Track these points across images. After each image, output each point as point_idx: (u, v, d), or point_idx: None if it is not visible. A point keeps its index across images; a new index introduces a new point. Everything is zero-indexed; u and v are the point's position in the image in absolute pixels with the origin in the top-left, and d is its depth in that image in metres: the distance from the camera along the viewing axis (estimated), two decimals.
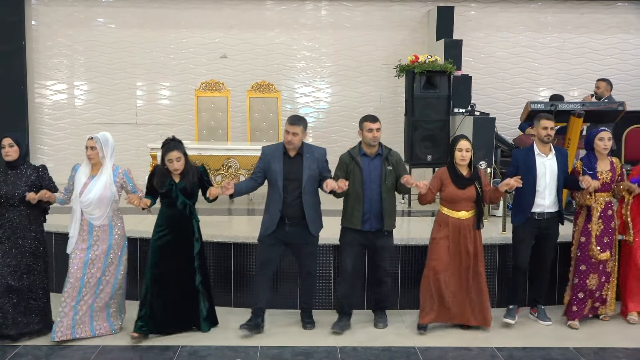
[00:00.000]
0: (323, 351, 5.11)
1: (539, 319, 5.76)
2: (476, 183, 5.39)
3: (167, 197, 5.27)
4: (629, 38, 10.20)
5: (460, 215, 5.38)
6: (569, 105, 7.40)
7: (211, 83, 9.36)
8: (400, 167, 5.47)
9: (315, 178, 5.33)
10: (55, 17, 9.95)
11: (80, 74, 10.10)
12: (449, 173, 5.41)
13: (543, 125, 5.57)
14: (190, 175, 5.27)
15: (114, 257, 5.27)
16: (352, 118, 10.17)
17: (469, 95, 8.49)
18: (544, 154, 5.60)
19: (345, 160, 5.45)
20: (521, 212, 5.60)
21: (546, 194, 5.55)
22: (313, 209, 5.35)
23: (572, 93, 10.11)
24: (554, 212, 5.61)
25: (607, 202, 5.68)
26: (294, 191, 5.28)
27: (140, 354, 5.01)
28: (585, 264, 5.67)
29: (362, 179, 5.34)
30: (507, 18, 10.15)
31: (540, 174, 5.54)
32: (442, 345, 5.24)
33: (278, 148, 5.41)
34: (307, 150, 5.39)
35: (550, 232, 5.65)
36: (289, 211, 5.29)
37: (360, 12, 10.09)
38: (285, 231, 5.33)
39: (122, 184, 5.28)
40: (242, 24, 10.05)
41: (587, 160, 5.70)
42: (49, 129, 10.04)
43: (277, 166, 5.30)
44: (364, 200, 5.34)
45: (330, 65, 10.18)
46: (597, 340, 5.41)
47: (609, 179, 5.65)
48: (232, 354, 5.04)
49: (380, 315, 5.71)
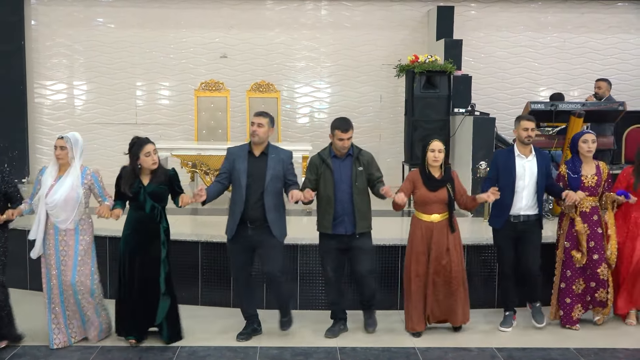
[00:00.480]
0: (323, 352, 5.10)
1: (533, 317, 5.62)
2: (448, 185, 5.27)
3: (135, 200, 5.08)
4: (629, 38, 10.19)
5: (432, 219, 5.28)
6: (569, 105, 7.40)
7: (211, 83, 9.35)
8: (372, 167, 5.32)
9: (279, 179, 5.16)
10: (54, 17, 9.95)
11: (80, 74, 10.09)
12: (420, 175, 5.31)
13: (523, 126, 5.45)
14: (159, 176, 5.08)
15: (83, 263, 5.03)
16: (353, 118, 9.87)
17: (469, 95, 8.47)
18: (524, 155, 5.48)
19: (316, 162, 5.31)
20: (500, 215, 5.49)
21: (524, 195, 5.42)
22: (275, 210, 5.15)
23: (572, 93, 10.10)
24: (532, 215, 5.47)
25: (594, 206, 5.57)
26: (257, 192, 5.11)
27: (139, 354, 5.00)
28: (571, 270, 5.58)
29: (333, 181, 5.21)
30: (507, 18, 10.14)
31: (519, 175, 5.43)
32: (442, 346, 5.23)
33: (243, 148, 5.27)
34: (273, 150, 5.24)
35: (529, 236, 5.48)
36: (251, 213, 5.09)
37: (360, 11, 10.08)
38: (248, 235, 5.14)
39: (89, 186, 5.07)
40: (242, 24, 10.04)
41: (571, 164, 5.60)
42: (48, 129, 10.03)
43: (241, 165, 5.15)
44: (336, 203, 5.19)
45: (330, 65, 10.17)
46: (597, 341, 5.39)
47: (595, 183, 5.54)
48: (232, 355, 5.03)
49: (369, 315, 5.59)
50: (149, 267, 5.07)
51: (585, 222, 5.54)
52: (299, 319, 5.62)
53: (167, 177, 5.12)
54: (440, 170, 5.30)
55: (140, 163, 5.04)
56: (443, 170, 5.31)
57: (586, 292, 5.61)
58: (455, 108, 8.28)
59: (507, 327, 5.58)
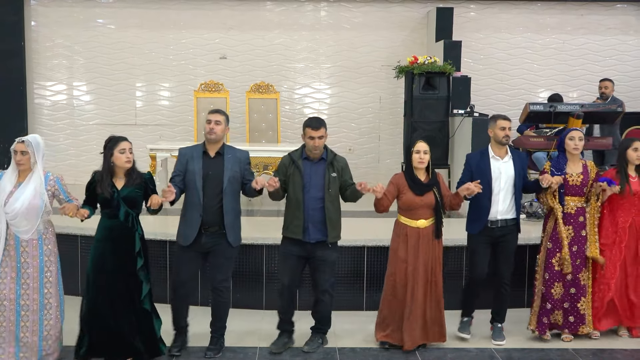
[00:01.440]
0: (322, 352, 5.11)
1: (493, 337, 5.35)
2: (435, 189, 5.02)
3: (109, 207, 4.65)
4: (628, 39, 10.21)
5: (419, 224, 4.99)
6: (568, 106, 7.41)
7: (210, 84, 9.36)
8: (346, 174, 5.03)
9: (237, 180, 4.88)
10: (54, 18, 9.96)
11: (80, 75, 10.11)
12: (405, 179, 5.03)
13: (500, 125, 5.19)
14: (134, 179, 4.68)
15: (50, 277, 4.65)
16: (352, 119, 10.18)
17: (468, 96, 8.48)
18: (500, 157, 5.22)
19: (285, 163, 5.01)
20: (477, 220, 5.22)
21: (500, 198, 5.15)
22: (233, 215, 4.87)
23: (572, 94, 10.12)
24: (509, 220, 5.20)
25: (579, 207, 5.30)
26: (214, 194, 4.81)
27: None
28: (549, 272, 5.31)
29: (302, 184, 4.89)
30: (506, 19, 10.15)
31: (494, 177, 5.16)
32: (441, 346, 5.24)
33: (197, 148, 4.97)
34: (229, 150, 4.95)
35: (505, 242, 5.22)
36: (209, 217, 4.80)
37: (360, 13, 10.09)
38: (202, 241, 4.84)
39: (53, 192, 4.67)
40: (241, 25, 10.05)
41: (556, 162, 5.35)
42: (48, 130, 10.04)
43: (195, 166, 4.84)
44: (305, 208, 4.88)
45: (330, 66, 10.18)
46: (596, 341, 5.40)
47: (580, 182, 5.27)
48: (231, 355, 5.04)
49: (313, 337, 5.17)
50: (125, 280, 4.63)
51: (569, 224, 5.28)
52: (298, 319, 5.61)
53: (142, 181, 4.73)
54: (426, 173, 5.04)
55: (113, 161, 4.65)
56: (429, 173, 5.06)
57: (564, 298, 5.31)
58: (454, 109, 8.29)
59: (465, 333, 5.36)
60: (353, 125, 10.19)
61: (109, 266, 4.62)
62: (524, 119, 7.53)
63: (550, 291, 5.32)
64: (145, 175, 4.81)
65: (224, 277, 4.99)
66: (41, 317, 4.63)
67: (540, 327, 5.36)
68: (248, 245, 6.03)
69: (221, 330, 5.09)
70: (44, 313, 4.64)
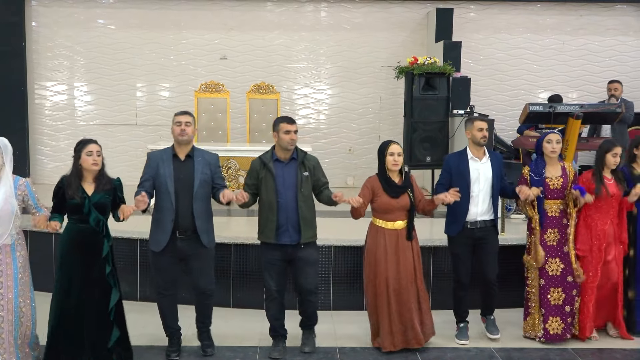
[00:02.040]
0: (322, 352, 5.13)
1: (487, 330, 5.43)
2: (409, 191, 5.03)
3: (78, 213, 4.58)
4: (627, 40, 10.22)
5: (396, 226, 5.01)
6: (568, 107, 7.41)
7: (211, 84, 9.37)
8: (318, 172, 5.03)
9: (207, 183, 4.86)
10: (55, 18, 9.97)
11: (80, 75, 10.12)
12: (380, 181, 5.02)
13: (478, 126, 5.23)
14: (104, 184, 4.63)
15: (24, 283, 4.57)
16: (352, 120, 10.20)
17: (467, 96, 8.50)
18: (478, 158, 5.26)
19: (256, 166, 4.98)
20: (455, 221, 5.24)
21: (479, 200, 5.19)
22: (205, 218, 4.86)
23: (571, 95, 10.13)
24: (488, 221, 5.24)
25: (562, 210, 5.31)
26: (186, 198, 4.78)
27: (139, 354, 5.00)
28: (544, 278, 5.29)
29: (275, 186, 4.87)
30: (506, 20, 10.16)
31: (473, 179, 5.20)
32: (441, 346, 5.26)
33: (166, 151, 4.93)
34: (198, 154, 4.92)
35: (486, 243, 5.24)
36: (181, 221, 4.77)
37: (360, 13, 10.10)
38: (177, 247, 4.80)
39: (23, 197, 4.54)
40: (241, 26, 10.06)
41: (534, 166, 5.35)
42: (48, 130, 10.06)
43: (166, 170, 4.80)
44: (279, 210, 4.86)
45: (330, 67, 10.20)
46: (596, 341, 5.42)
47: (560, 185, 5.27)
48: (231, 355, 5.06)
49: (307, 335, 5.21)
50: (93, 286, 4.60)
51: (555, 227, 5.29)
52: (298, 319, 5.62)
53: (112, 187, 4.68)
54: (400, 176, 5.06)
55: (81, 163, 4.57)
56: (403, 175, 5.07)
57: (565, 302, 5.30)
58: (454, 110, 8.31)
59: (464, 340, 5.34)
60: (353, 125, 10.20)
61: (78, 272, 4.59)
62: (524, 119, 7.53)
63: (546, 297, 5.30)
64: (114, 181, 4.74)
65: (209, 280, 5.00)
66: (16, 322, 4.52)
67: (546, 335, 5.32)
68: (248, 245, 6.06)
69: (209, 325, 5.13)
70: (19, 317, 4.54)
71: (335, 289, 5.98)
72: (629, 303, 5.55)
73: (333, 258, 5.99)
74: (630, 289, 5.55)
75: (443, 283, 6.04)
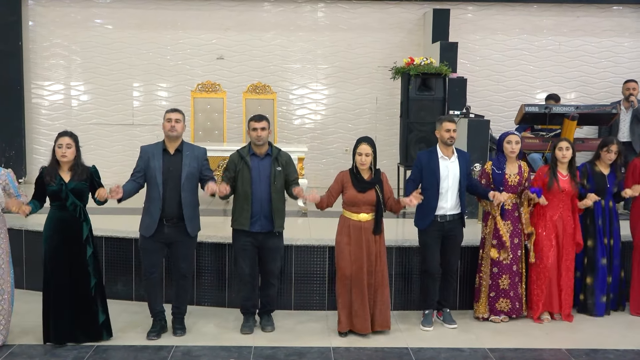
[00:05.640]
0: (316, 351, 5.13)
1: (444, 321, 5.72)
2: (377, 187, 5.32)
3: (57, 199, 4.99)
4: (623, 41, 10.24)
5: (360, 218, 5.30)
6: (563, 108, 7.44)
7: (207, 84, 9.38)
8: (290, 167, 5.44)
9: (194, 176, 5.25)
10: (52, 18, 9.98)
11: (77, 75, 10.12)
12: (350, 176, 5.38)
13: (445, 127, 5.52)
14: (79, 172, 5.00)
15: (3, 270, 4.99)
16: (348, 120, 10.21)
17: (464, 97, 8.52)
18: (447, 156, 5.57)
19: (235, 160, 5.39)
20: (425, 216, 5.56)
21: (448, 196, 5.52)
22: (191, 207, 5.24)
23: (567, 96, 10.15)
24: (456, 215, 5.59)
25: (514, 203, 5.76)
26: (173, 189, 5.17)
27: (135, 354, 5.02)
28: (498, 266, 5.75)
29: (250, 179, 5.29)
30: (502, 21, 10.18)
31: (443, 176, 5.52)
32: (435, 346, 5.27)
33: (157, 146, 5.32)
34: (187, 148, 5.32)
35: (454, 234, 5.61)
36: (168, 210, 5.17)
37: (357, 14, 10.12)
38: (164, 233, 5.21)
39: (4, 187, 4.95)
40: (238, 26, 10.07)
41: (496, 161, 5.77)
42: (45, 130, 10.06)
43: (156, 163, 5.20)
44: (253, 201, 5.28)
45: (327, 67, 10.21)
46: (589, 341, 5.44)
47: (517, 182, 5.73)
48: (226, 354, 5.06)
49: (267, 319, 5.60)
50: (76, 267, 5.02)
51: (508, 219, 5.73)
52: (293, 319, 5.64)
53: (88, 174, 5.07)
54: (369, 172, 5.35)
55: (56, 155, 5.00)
56: (373, 172, 5.35)
57: (510, 287, 5.76)
58: (450, 110, 8.31)
59: (428, 326, 5.63)
60: (350, 125, 10.21)
61: (62, 256, 4.99)
62: (519, 120, 7.56)
63: (497, 282, 5.76)
64: (90, 168, 5.13)
65: (188, 265, 5.42)
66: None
67: (492, 313, 5.81)
68: None
69: (184, 312, 5.50)
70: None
71: (330, 288, 5.98)
72: (586, 288, 6.02)
73: (328, 258, 5.99)
74: (589, 276, 6.01)
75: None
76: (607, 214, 6.01)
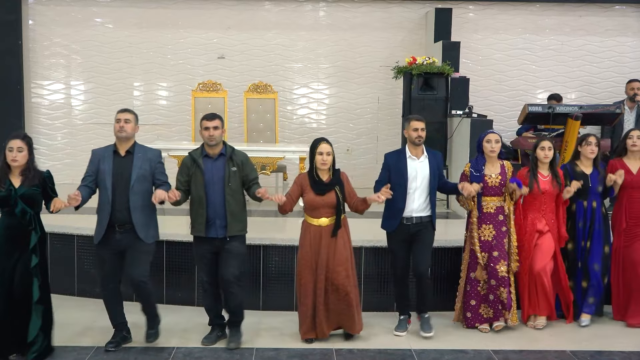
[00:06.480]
0: (319, 353, 5.09)
1: (420, 328, 5.46)
2: (337, 188, 5.12)
3: (6, 205, 4.69)
4: (626, 41, 10.20)
5: (320, 222, 5.11)
6: (567, 107, 7.39)
7: (208, 84, 9.34)
8: (247, 167, 5.13)
9: (145, 179, 4.95)
10: (52, 17, 9.93)
11: (77, 74, 10.08)
12: (308, 178, 5.16)
13: (413, 126, 5.33)
14: (31, 177, 4.70)
15: None
16: (350, 119, 10.17)
17: (466, 97, 8.47)
18: (416, 156, 5.36)
19: (187, 163, 5.10)
20: (392, 217, 5.36)
21: (415, 197, 5.31)
22: (142, 212, 4.91)
23: (570, 95, 10.11)
24: (424, 217, 5.35)
25: (498, 206, 5.51)
26: (123, 193, 4.88)
27: (135, 356, 4.99)
28: (475, 271, 5.55)
29: (204, 182, 5.00)
30: (505, 20, 10.14)
31: (411, 177, 5.31)
32: (439, 348, 5.23)
33: (108, 148, 5.03)
34: (140, 149, 5.02)
35: (420, 237, 5.35)
36: (118, 215, 4.87)
37: (359, 13, 10.07)
38: (116, 239, 4.91)
39: None
40: (239, 25, 10.03)
41: (474, 163, 5.57)
42: (45, 129, 10.01)
43: (106, 166, 4.92)
44: (208, 205, 4.99)
45: (328, 67, 10.17)
46: (594, 343, 5.40)
47: (498, 183, 5.48)
48: (227, 356, 5.02)
49: (232, 332, 5.24)
50: (20, 279, 4.69)
51: (490, 223, 5.50)
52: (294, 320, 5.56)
53: (41, 179, 4.78)
54: (328, 173, 5.15)
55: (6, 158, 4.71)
56: (332, 173, 5.16)
57: (489, 291, 5.54)
58: (452, 110, 8.28)
59: (402, 331, 5.47)
60: (351, 125, 10.17)
61: (6, 266, 4.68)
62: (523, 120, 7.52)
63: (476, 289, 5.57)
64: (44, 173, 4.85)
65: (140, 271, 4.96)
66: None
67: (466, 321, 5.62)
68: None
69: (154, 311, 5.16)
70: None
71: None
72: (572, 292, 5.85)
73: None
74: (570, 279, 5.82)
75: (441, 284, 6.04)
76: (589, 216, 5.76)
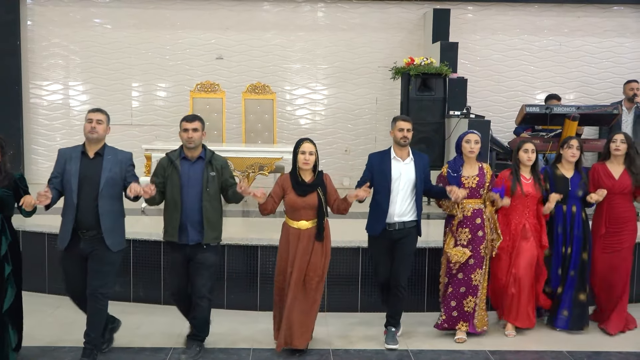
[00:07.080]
0: (316, 354, 5.09)
1: (386, 341, 5.25)
2: (319, 190, 4.94)
3: None
4: (624, 41, 10.21)
5: (300, 225, 4.92)
6: (564, 108, 7.40)
7: (206, 84, 9.34)
8: (226, 172, 4.96)
9: (116, 182, 4.70)
10: (50, 17, 9.94)
11: (76, 75, 10.08)
12: (290, 179, 4.98)
13: (399, 127, 5.14)
14: (1, 179, 4.49)
15: None
16: (348, 120, 10.17)
17: (464, 97, 8.49)
18: (401, 158, 5.17)
19: (164, 163, 4.90)
20: (377, 221, 5.15)
21: (398, 200, 5.10)
22: (111, 217, 4.67)
23: (568, 96, 10.11)
24: (407, 222, 5.14)
25: (476, 209, 5.31)
26: (90, 196, 4.62)
27: (132, 356, 4.98)
28: (462, 272, 5.31)
29: (180, 184, 4.80)
30: (503, 21, 10.15)
31: (394, 178, 5.11)
32: (435, 349, 5.23)
33: (76, 149, 4.77)
34: (110, 152, 4.78)
35: (402, 244, 5.16)
36: (83, 220, 4.61)
37: (357, 14, 10.08)
38: (80, 246, 4.65)
39: None
40: (238, 25, 10.04)
41: (452, 163, 5.37)
42: (43, 130, 10.02)
43: (72, 167, 4.66)
44: (182, 209, 4.79)
45: (326, 67, 10.17)
46: (591, 344, 5.41)
47: (475, 185, 5.28)
48: (225, 357, 5.02)
49: (193, 345, 4.99)
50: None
51: (466, 227, 5.29)
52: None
53: (12, 182, 4.56)
54: (311, 174, 4.98)
55: None
56: (315, 174, 5.00)
57: (455, 295, 5.35)
58: (450, 111, 8.30)
59: (393, 343, 5.24)
60: (349, 126, 10.18)
61: None
62: (520, 120, 7.53)
63: (458, 290, 5.35)
64: (15, 175, 4.66)
65: (101, 283, 4.71)
66: None
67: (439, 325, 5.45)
68: (243, 246, 6.03)
69: (95, 341, 4.79)
70: None
71: (330, 291, 5.93)
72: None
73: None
74: (547, 286, 5.68)
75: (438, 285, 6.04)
76: (569, 220, 5.57)
